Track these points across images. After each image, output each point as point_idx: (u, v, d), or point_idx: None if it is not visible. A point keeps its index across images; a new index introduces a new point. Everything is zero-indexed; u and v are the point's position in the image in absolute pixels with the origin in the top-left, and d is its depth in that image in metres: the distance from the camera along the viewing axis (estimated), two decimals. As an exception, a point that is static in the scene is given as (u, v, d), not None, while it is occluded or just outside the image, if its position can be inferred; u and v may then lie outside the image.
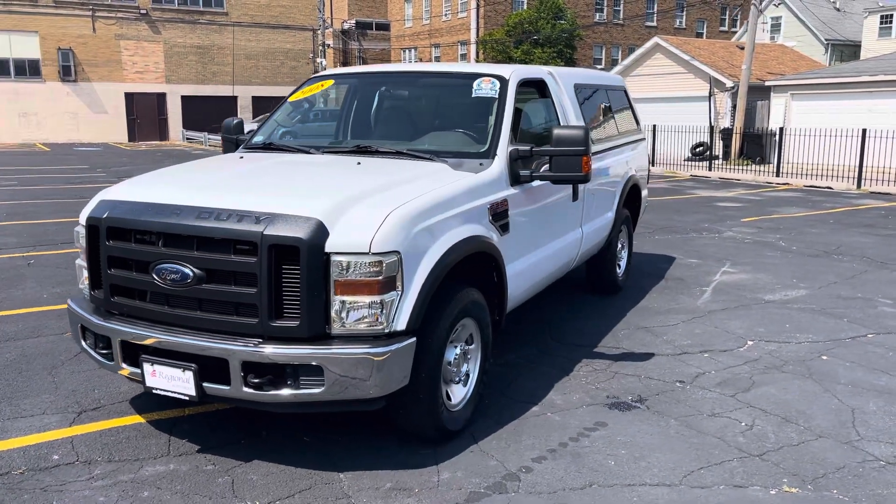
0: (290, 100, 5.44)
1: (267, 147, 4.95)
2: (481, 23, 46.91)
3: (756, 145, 24.31)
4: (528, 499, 3.43)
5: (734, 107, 25.62)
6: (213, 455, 3.80)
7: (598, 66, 39.82)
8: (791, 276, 8.04)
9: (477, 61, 45.61)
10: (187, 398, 3.49)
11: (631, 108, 7.65)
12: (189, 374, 3.44)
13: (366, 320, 3.39)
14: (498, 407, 4.46)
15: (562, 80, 5.73)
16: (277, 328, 3.37)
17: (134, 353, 3.63)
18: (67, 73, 34.90)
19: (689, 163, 23.50)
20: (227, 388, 3.42)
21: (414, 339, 3.52)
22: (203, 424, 4.15)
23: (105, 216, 3.71)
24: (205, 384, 3.45)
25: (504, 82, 4.84)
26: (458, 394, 4.09)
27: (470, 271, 4.23)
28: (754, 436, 4.11)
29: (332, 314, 3.37)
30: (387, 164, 4.29)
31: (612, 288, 7.03)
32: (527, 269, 4.76)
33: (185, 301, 3.53)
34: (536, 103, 5.31)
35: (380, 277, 3.35)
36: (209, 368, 3.44)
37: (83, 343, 3.93)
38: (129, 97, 35.83)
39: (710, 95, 26.41)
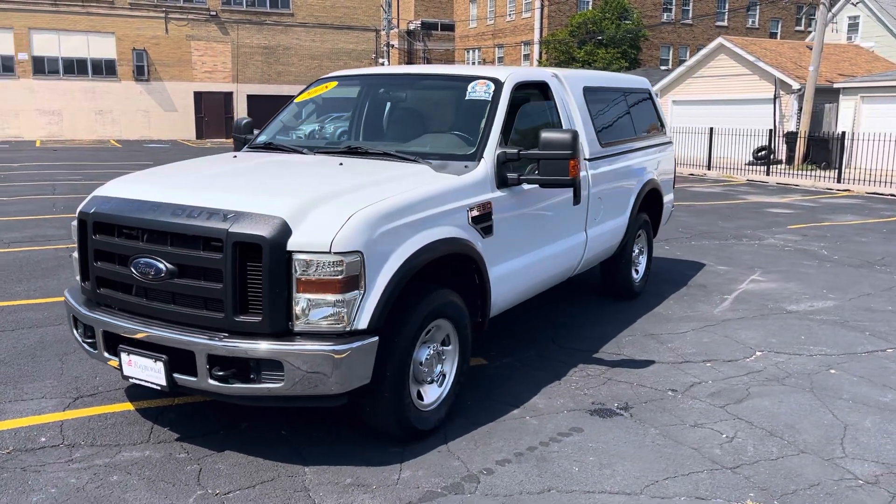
0: (296, 101, 5.57)
1: (266, 146, 5.09)
2: (545, 23, 46.63)
3: (822, 150, 23.44)
4: (483, 500, 3.45)
5: (800, 109, 24.81)
6: (189, 444, 3.94)
7: (664, 68, 39.05)
8: (822, 286, 7.77)
9: (539, 62, 45.37)
10: (159, 388, 3.64)
11: (656, 111, 7.53)
12: (160, 365, 3.58)
13: (328, 318, 3.47)
14: (478, 408, 4.47)
15: (568, 82, 5.69)
16: (242, 323, 3.48)
17: (115, 344, 3.80)
18: (141, 72, 36.27)
19: (750, 167, 22.85)
20: (195, 379, 3.55)
21: (376, 338, 3.57)
22: (188, 414, 4.30)
23: (92, 211, 3.90)
24: (175, 375, 3.59)
25: (499, 85, 4.86)
26: (432, 394, 4.12)
27: (447, 272, 4.27)
28: (732, 448, 4.02)
29: (295, 311, 3.46)
30: (368, 165, 4.37)
31: (628, 293, 6.93)
32: (516, 272, 4.76)
33: (160, 294, 3.68)
34: (537, 106, 5.30)
35: (341, 277, 3.43)
36: (179, 360, 3.57)
37: (75, 333, 4.13)
38: (198, 96, 36.99)
39: (775, 98, 25.63)
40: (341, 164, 4.38)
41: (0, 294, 6.87)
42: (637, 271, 7.16)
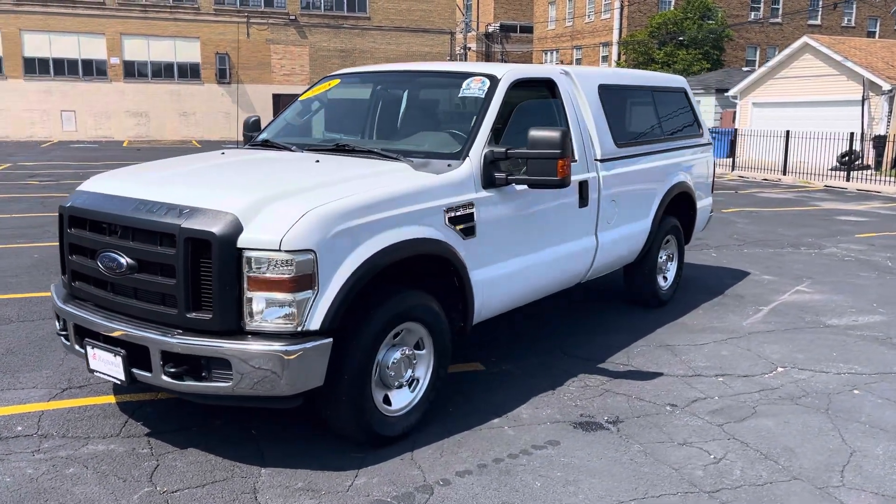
0: (300, 98, 5.55)
1: (263, 144, 5.09)
2: (624, 23, 45.71)
3: (912, 155, 22.02)
4: (430, 512, 3.31)
5: (890, 112, 23.40)
6: (157, 439, 3.95)
7: (746, 69, 37.49)
8: (874, 299, 7.23)
9: (618, 63, 44.50)
10: (119, 382, 3.65)
11: (692, 111, 7.17)
12: (119, 360, 3.60)
13: (278, 318, 3.40)
14: (459, 415, 4.32)
15: (580, 80, 5.46)
16: (194, 320, 3.45)
17: (84, 337, 3.84)
18: (223, 75, 37.47)
19: (834, 172, 21.66)
20: (150, 375, 3.55)
21: (330, 339, 3.48)
22: (166, 409, 4.32)
23: (68, 205, 3.96)
24: (134, 370, 3.59)
25: (494, 82, 4.69)
26: (402, 399, 4.00)
27: (420, 274, 4.15)
28: (716, 470, 3.73)
29: (246, 310, 3.40)
30: (345, 163, 4.29)
31: (653, 301, 6.62)
32: (508, 275, 4.59)
33: (123, 289, 3.70)
34: (541, 104, 5.10)
35: (291, 275, 3.35)
36: (138, 355, 3.57)
37: (57, 325, 4.21)
38: (277, 98, 37.91)
39: (863, 99, 24.25)
40: (317, 161, 4.31)
41: (35, 286, 7.13)
42: (666, 278, 6.83)
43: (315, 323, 3.43)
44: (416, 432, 4.05)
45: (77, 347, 3.90)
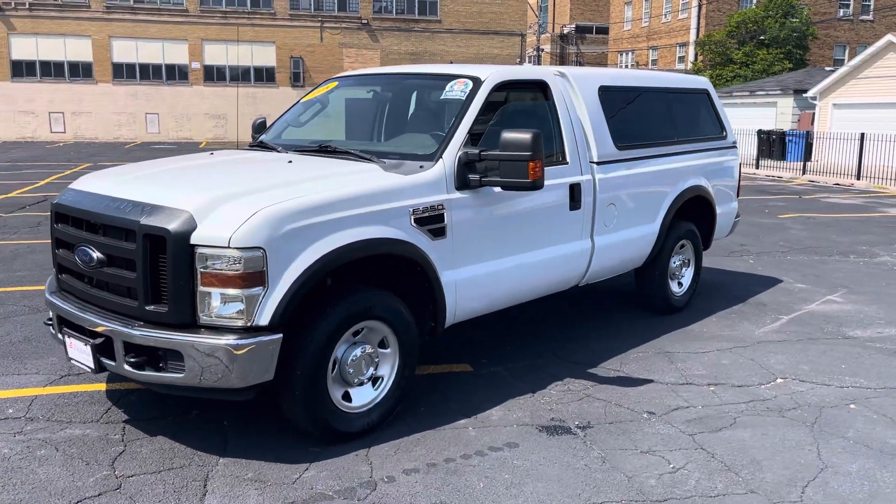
0: (301, 100, 5.70)
1: (259, 145, 5.25)
2: (702, 23, 44.53)
3: None
4: (366, 508, 3.36)
5: (980, 113, 22.00)
6: (131, 426, 4.14)
7: (829, 69, 35.79)
8: (909, 310, 6.86)
9: (693, 64, 43.37)
10: (90, 370, 3.85)
11: (715, 112, 6.98)
12: (89, 348, 3.79)
13: (229, 312, 3.52)
14: (427, 415, 4.36)
15: (578, 81, 5.41)
16: (153, 313, 3.61)
17: (63, 327, 4.07)
18: (297, 79, 38.47)
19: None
20: (114, 364, 3.73)
21: (279, 335, 3.58)
22: (149, 399, 4.51)
23: (56, 202, 4.20)
24: (102, 359, 3.78)
25: (477, 84, 4.71)
26: (364, 397, 4.06)
27: (390, 274, 4.20)
28: (671, 480, 3.65)
29: (199, 304, 3.54)
30: (316, 163, 4.39)
31: (665, 307, 6.47)
32: (485, 277, 4.59)
33: (95, 282, 3.90)
34: (530, 106, 5.09)
35: (240, 272, 3.47)
36: (105, 345, 3.76)
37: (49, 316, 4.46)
38: (348, 101, 38.60)
39: (951, 100, 22.89)
40: (290, 161, 4.43)
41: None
42: (681, 284, 6.67)
43: (265, 318, 3.54)
44: (379, 430, 4.11)
45: (60, 336, 4.12)
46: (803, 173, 22.08)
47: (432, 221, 4.20)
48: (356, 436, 4.00)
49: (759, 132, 26.27)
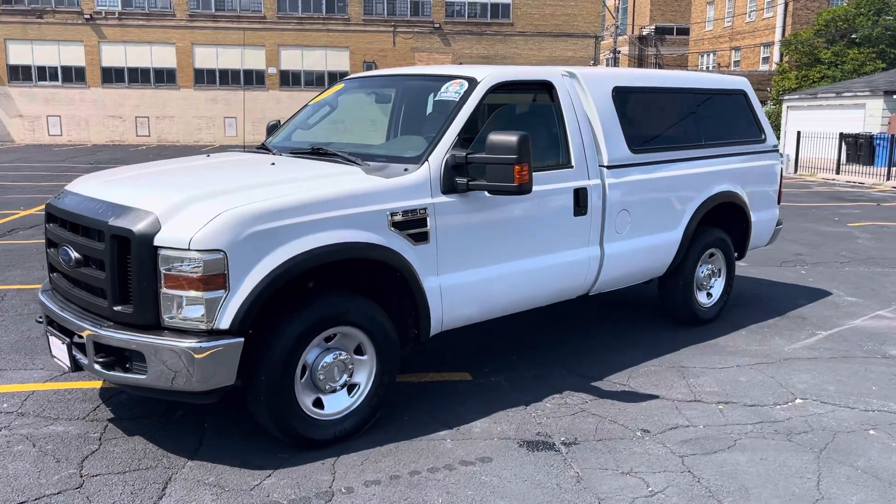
0: (310, 102, 5.68)
1: (261, 147, 5.25)
2: (788, 21, 42.74)
3: None
4: (316, 519, 3.28)
5: None
6: (113, 425, 4.18)
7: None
8: (967, 329, 6.30)
9: (778, 65, 41.65)
10: (67, 368, 3.91)
11: (752, 115, 6.60)
12: (65, 347, 3.85)
13: (190, 315, 3.50)
14: (409, 425, 4.24)
15: (589, 82, 5.19)
16: (120, 313, 3.63)
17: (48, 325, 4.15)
18: (370, 83, 38.92)
19: None
20: (87, 362, 3.77)
21: (241, 339, 3.54)
22: (137, 398, 4.53)
23: (48, 203, 4.29)
24: (77, 358, 3.83)
25: (472, 85, 4.57)
26: (338, 404, 3.98)
27: (360, 278, 4.12)
28: (645, 505, 3.42)
29: (162, 305, 3.53)
30: (298, 166, 4.34)
31: (691, 319, 6.14)
32: (476, 283, 4.44)
33: (74, 281, 3.96)
34: (534, 108, 4.91)
35: (200, 275, 3.44)
36: (80, 344, 3.81)
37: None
38: (420, 104, 38.86)
39: None
40: (273, 163, 4.39)
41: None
42: (710, 295, 6.32)
43: (226, 322, 3.50)
44: (355, 438, 4.02)
45: (47, 334, 4.21)
46: (887, 179, 20.85)
47: (413, 226, 4.08)
48: (328, 443, 3.93)
49: (843, 135, 24.97)
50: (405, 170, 4.19)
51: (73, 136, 37.99)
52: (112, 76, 37.98)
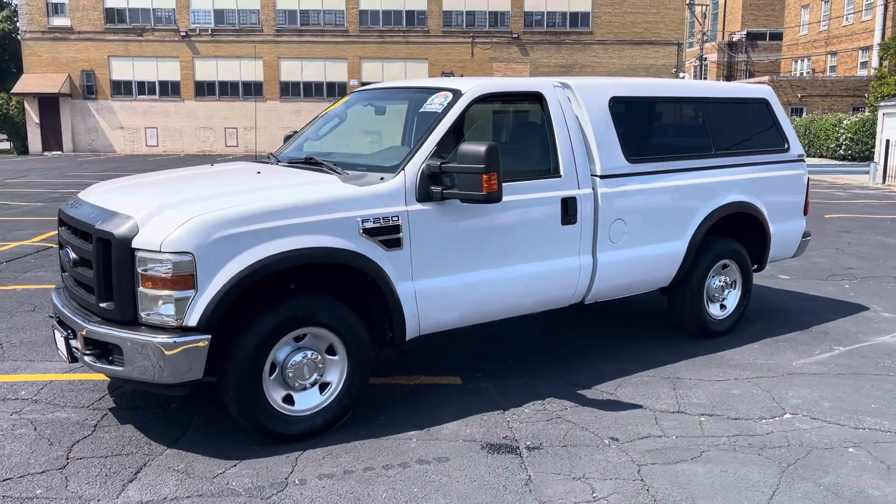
0: (321, 114, 5.93)
1: (269, 157, 5.54)
2: (888, 24, 40.64)
3: None
4: (263, 507, 3.48)
5: None
6: (112, 414, 4.52)
7: None
8: None
9: (877, 70, 39.62)
10: (66, 359, 4.26)
11: (775, 123, 6.45)
12: (63, 340, 4.21)
13: (163, 312, 3.78)
14: (382, 424, 4.39)
15: (583, 92, 5.23)
16: (105, 310, 3.95)
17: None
18: (448, 93, 39.36)
19: None
20: (79, 354, 4.10)
21: (208, 336, 3.79)
22: (140, 390, 4.87)
23: (60, 208, 4.69)
24: (73, 350, 4.18)
25: (456, 97, 4.71)
26: (308, 401, 4.18)
27: (340, 282, 4.30)
28: (583, 510, 3.46)
29: (139, 303, 3.83)
30: (280, 174, 4.60)
31: (700, 331, 6.04)
32: (453, 289, 4.56)
33: (75, 280, 4.32)
34: (521, 118, 5.01)
35: (170, 275, 3.72)
36: (76, 337, 4.16)
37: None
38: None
39: None
40: (259, 172, 4.65)
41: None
42: (724, 307, 6.20)
43: (194, 320, 3.76)
44: (327, 435, 4.20)
45: (52, 328, 4.60)
46: (982, 190, 19.57)
47: (385, 232, 4.25)
48: (297, 439, 4.12)
49: (938, 144, 23.53)
50: (381, 178, 4.37)
51: (167, 147, 40.05)
52: (204, 90, 39.85)
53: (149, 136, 40.17)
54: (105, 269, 3.92)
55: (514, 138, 5.30)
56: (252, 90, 39.83)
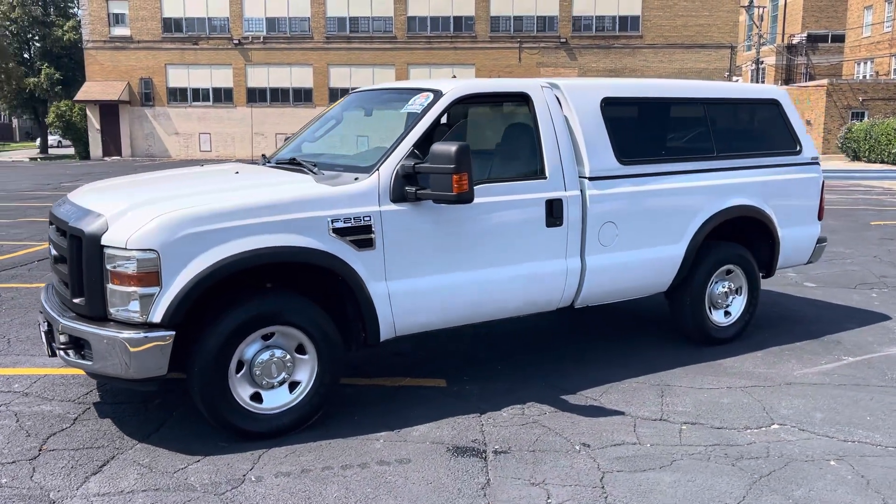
0: (318, 117, 5.98)
1: (261, 158, 5.61)
2: (955, 26, 39.00)
3: None
4: (214, 501, 3.50)
5: None
6: (94, 408, 4.62)
7: None
8: None
9: (942, 72, 38.06)
10: (48, 354, 4.38)
11: (786, 125, 6.23)
12: (43, 333, 4.32)
13: (129, 309, 3.85)
14: (355, 424, 4.39)
15: (573, 93, 5.14)
16: (78, 305, 4.04)
17: (43, 315, 4.66)
18: (496, 99, 39.31)
19: None
20: (56, 347, 4.21)
21: (171, 333, 3.84)
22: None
23: (50, 209, 4.83)
24: (52, 343, 4.29)
25: (437, 97, 4.69)
26: (277, 399, 4.20)
27: (307, 281, 4.32)
28: (533, 516, 3.38)
29: (107, 299, 3.91)
30: (256, 174, 4.66)
31: (702, 338, 5.87)
32: (430, 291, 4.53)
33: (57, 276, 4.44)
34: (505, 119, 4.96)
35: (135, 272, 3.79)
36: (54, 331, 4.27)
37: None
38: (545, 120, 38.78)
39: None
40: (237, 172, 4.71)
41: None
42: (728, 314, 6.01)
43: (158, 316, 3.82)
44: (295, 433, 4.22)
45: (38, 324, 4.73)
46: None
47: (356, 232, 4.25)
48: (265, 436, 4.14)
49: None
50: (356, 179, 4.37)
51: (220, 152, 40.96)
52: (256, 96, 40.65)
53: (202, 142, 41.15)
54: (77, 266, 4.01)
55: (499, 140, 5.24)
56: (302, 97, 40.44)
